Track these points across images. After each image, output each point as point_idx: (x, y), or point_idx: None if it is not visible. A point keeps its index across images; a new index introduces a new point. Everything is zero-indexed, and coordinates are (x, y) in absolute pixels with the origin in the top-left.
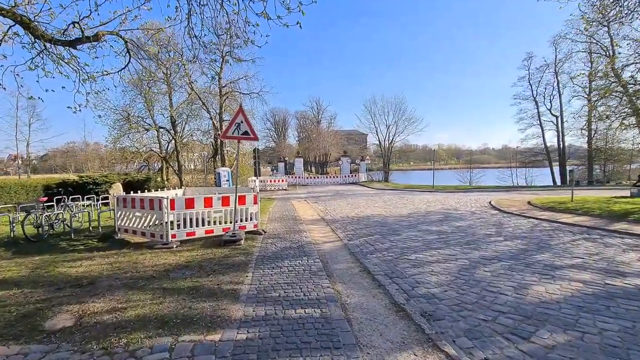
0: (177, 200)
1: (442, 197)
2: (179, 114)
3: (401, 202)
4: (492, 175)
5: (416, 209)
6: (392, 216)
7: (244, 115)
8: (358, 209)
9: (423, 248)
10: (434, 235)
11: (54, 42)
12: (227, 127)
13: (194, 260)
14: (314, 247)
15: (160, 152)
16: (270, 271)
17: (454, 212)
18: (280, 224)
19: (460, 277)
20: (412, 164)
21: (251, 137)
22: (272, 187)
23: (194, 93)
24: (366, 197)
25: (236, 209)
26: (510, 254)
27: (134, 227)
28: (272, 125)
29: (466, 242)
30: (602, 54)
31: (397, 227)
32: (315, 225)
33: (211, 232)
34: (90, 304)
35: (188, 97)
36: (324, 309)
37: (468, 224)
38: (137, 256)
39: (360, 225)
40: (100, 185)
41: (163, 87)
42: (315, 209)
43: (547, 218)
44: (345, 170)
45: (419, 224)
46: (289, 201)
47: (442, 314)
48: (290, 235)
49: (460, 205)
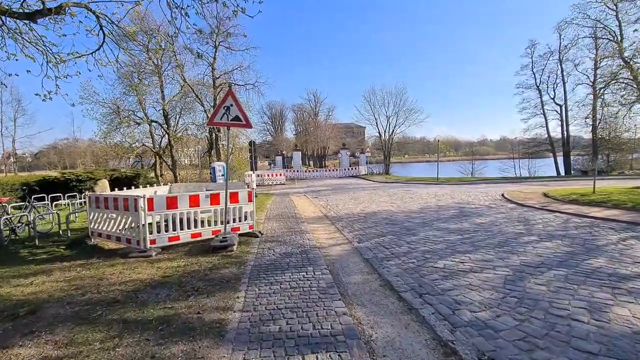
0: (157, 200)
1: (450, 190)
2: (172, 107)
3: (408, 196)
4: (493, 166)
5: (426, 204)
6: (402, 212)
7: (233, 98)
8: (362, 204)
9: (448, 252)
10: (455, 235)
11: (10, 14)
12: (214, 111)
13: (173, 274)
14: (320, 252)
15: (154, 147)
16: (267, 289)
17: (468, 206)
18: (279, 224)
19: (509, 293)
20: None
21: (243, 124)
22: (269, 181)
23: (186, 85)
24: (369, 191)
25: (227, 208)
26: (556, 258)
27: (108, 231)
28: (269, 119)
29: (497, 244)
30: (610, 39)
31: (411, 225)
32: (318, 224)
33: (198, 236)
34: (16, 349)
35: (181, 90)
36: (343, 354)
37: (490, 220)
38: (105, 269)
39: (368, 223)
40: (84, 182)
41: (154, 79)
42: (317, 204)
43: (575, 212)
44: (344, 163)
45: (434, 221)
46: (288, 197)
47: (507, 358)
48: (290, 237)
49: (472, 199)
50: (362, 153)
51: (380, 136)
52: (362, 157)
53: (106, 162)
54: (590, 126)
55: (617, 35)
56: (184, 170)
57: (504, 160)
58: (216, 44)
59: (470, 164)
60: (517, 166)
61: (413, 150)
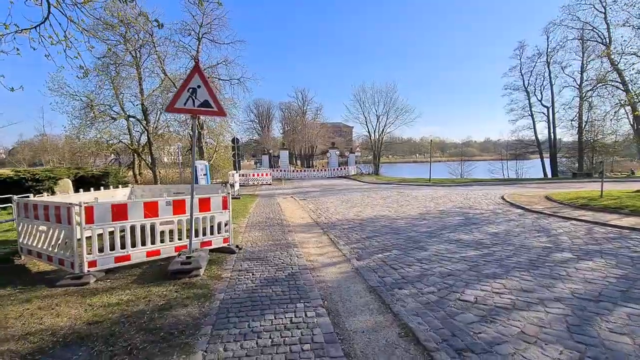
0: (98, 209)
1: (445, 192)
2: (151, 103)
3: (403, 199)
4: (481, 168)
5: (425, 208)
6: (401, 218)
7: (202, 77)
8: (356, 207)
9: (473, 275)
10: (473, 250)
11: None
12: (176, 94)
13: (106, 318)
14: (312, 275)
15: (131, 144)
16: (237, 347)
17: (471, 211)
18: (262, 233)
19: (584, 350)
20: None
21: (214, 111)
22: (255, 181)
23: (167, 79)
24: (360, 192)
25: (193, 218)
26: (614, 287)
27: (39, 248)
28: (255, 117)
29: (529, 263)
30: (599, 42)
31: (415, 234)
32: (308, 234)
33: (156, 254)
34: None
35: (161, 84)
36: None
37: (503, 229)
38: (14, 307)
39: (366, 231)
40: (42, 182)
41: (132, 72)
42: (305, 208)
43: (593, 219)
44: (333, 163)
45: (441, 231)
46: (274, 198)
47: None
48: (275, 252)
49: (472, 202)
50: (351, 153)
51: (370, 136)
52: (351, 157)
53: (80, 160)
54: (576, 128)
55: (605, 38)
56: (165, 169)
57: (491, 161)
58: (199, 36)
59: (458, 164)
60: (505, 167)
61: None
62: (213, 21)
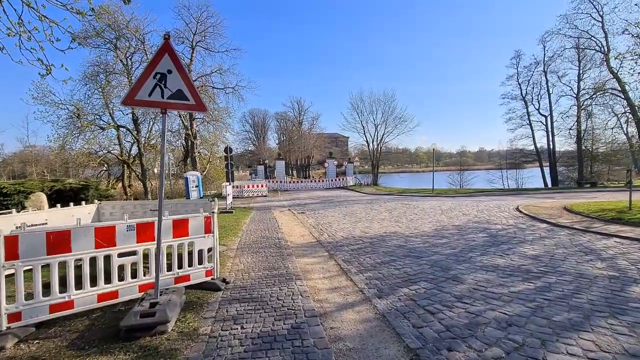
0: (26, 239)
1: (453, 204)
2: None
3: (411, 212)
4: (481, 177)
5: (438, 223)
6: (415, 235)
7: (173, 58)
8: (361, 223)
9: (543, 325)
10: (521, 281)
11: None
12: (138, 80)
13: None
14: (323, 328)
15: (121, 155)
16: None
17: (492, 226)
18: (256, 258)
19: None
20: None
21: (191, 105)
22: (250, 193)
23: None
24: (362, 204)
25: (162, 248)
26: None
27: None
28: (251, 127)
29: (605, 303)
30: (597, 50)
31: (440, 259)
32: (312, 257)
33: (112, 297)
34: None
35: None
36: None
37: (542, 250)
38: None
39: (379, 254)
40: (11, 196)
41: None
42: (305, 223)
43: (637, 236)
44: (331, 173)
45: (468, 253)
46: (270, 212)
47: None
48: (273, 287)
49: (487, 215)
50: (350, 163)
51: (368, 145)
52: (349, 167)
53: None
54: (574, 137)
55: (603, 47)
56: (156, 180)
57: (490, 170)
58: (193, 44)
59: (457, 174)
60: (505, 177)
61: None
62: (207, 29)
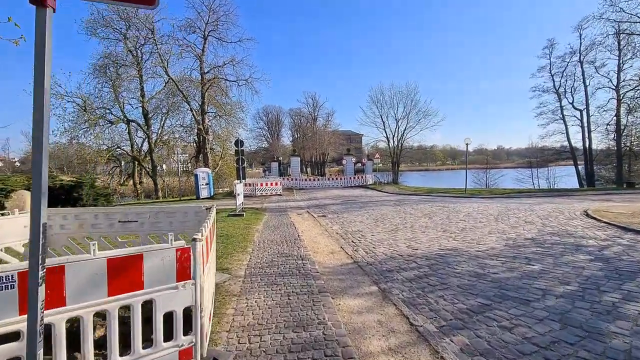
0: None
1: (500, 208)
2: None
3: (455, 217)
4: (508, 176)
5: (502, 234)
6: (486, 254)
7: None
8: (400, 231)
9: None
10: None
11: None
12: None
13: None
14: None
15: (132, 151)
16: None
17: (581, 241)
18: (271, 299)
19: None
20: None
21: None
22: (263, 191)
23: (171, 81)
24: (391, 207)
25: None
26: None
27: None
28: (265, 124)
29: None
30: None
31: (564, 306)
32: (356, 299)
33: None
34: None
35: (165, 86)
36: None
37: None
38: None
39: (455, 290)
40: None
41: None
42: (330, 231)
43: None
44: (349, 171)
45: (592, 290)
46: (286, 215)
47: None
48: None
49: (558, 224)
50: (369, 160)
51: (388, 141)
52: (368, 165)
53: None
54: (612, 133)
55: None
56: (170, 176)
57: (519, 169)
58: (205, 34)
59: (483, 173)
60: (535, 175)
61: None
62: (220, 18)
